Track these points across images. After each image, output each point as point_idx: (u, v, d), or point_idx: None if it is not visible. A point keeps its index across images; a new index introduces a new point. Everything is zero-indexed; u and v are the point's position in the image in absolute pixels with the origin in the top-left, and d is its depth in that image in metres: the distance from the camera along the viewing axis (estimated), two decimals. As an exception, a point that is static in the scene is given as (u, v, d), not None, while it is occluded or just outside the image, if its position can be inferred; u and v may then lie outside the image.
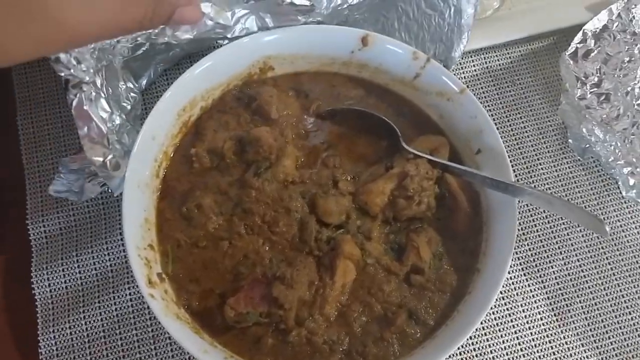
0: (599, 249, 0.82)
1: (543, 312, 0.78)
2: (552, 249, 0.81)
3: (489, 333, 0.76)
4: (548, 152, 0.87)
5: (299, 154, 0.75)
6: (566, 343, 0.77)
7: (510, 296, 0.78)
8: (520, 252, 0.81)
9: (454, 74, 0.79)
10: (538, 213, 0.83)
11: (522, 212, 0.83)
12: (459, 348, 0.75)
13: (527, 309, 0.78)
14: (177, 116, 0.74)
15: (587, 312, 0.78)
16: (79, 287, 0.75)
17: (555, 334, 0.77)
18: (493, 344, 0.76)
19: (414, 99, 0.80)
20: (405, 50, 0.77)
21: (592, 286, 0.80)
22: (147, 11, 0.50)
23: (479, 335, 0.76)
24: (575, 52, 0.83)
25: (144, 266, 0.65)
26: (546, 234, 0.82)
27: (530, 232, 0.82)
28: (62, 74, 0.65)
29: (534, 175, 0.86)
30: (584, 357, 0.76)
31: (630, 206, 0.85)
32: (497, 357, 0.75)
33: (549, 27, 0.91)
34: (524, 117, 0.89)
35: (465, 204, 0.72)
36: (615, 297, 0.79)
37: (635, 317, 0.79)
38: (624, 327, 0.78)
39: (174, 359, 0.73)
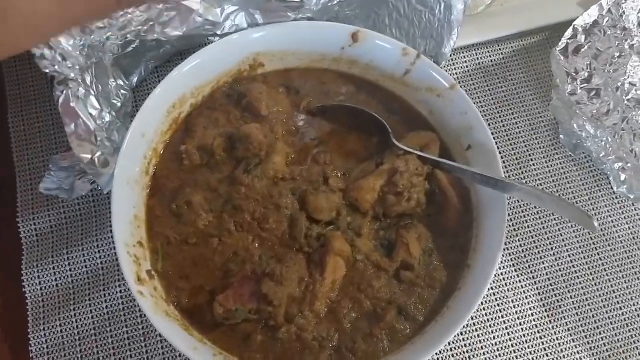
0: (591, 244, 0.82)
1: (534, 307, 0.78)
2: (543, 245, 0.81)
3: (480, 329, 0.76)
4: (540, 148, 0.87)
5: (290, 151, 0.75)
6: (557, 338, 0.77)
7: (502, 292, 0.78)
8: (511, 247, 0.81)
9: (446, 70, 0.78)
10: (529, 209, 0.83)
11: (513, 207, 0.83)
12: (449, 344, 0.75)
13: (518, 305, 0.78)
14: (167, 113, 0.74)
15: (578, 307, 0.79)
16: (70, 284, 0.75)
17: (546, 329, 0.77)
18: (484, 340, 0.76)
19: (405, 95, 0.80)
20: (396, 46, 0.77)
21: (584, 282, 0.80)
22: None
23: (469, 331, 0.76)
24: (566, 47, 0.83)
25: (133, 263, 0.65)
26: (537, 229, 0.82)
27: (522, 227, 0.82)
28: (47, 71, 0.65)
29: (526, 171, 0.86)
30: (575, 352, 0.76)
31: (622, 202, 0.85)
32: (488, 352, 0.75)
33: (540, 23, 0.91)
34: (515, 113, 0.89)
35: (456, 200, 0.72)
36: (607, 293, 0.79)
37: (626, 313, 0.79)
38: (615, 322, 0.78)
39: (165, 356, 0.73)
